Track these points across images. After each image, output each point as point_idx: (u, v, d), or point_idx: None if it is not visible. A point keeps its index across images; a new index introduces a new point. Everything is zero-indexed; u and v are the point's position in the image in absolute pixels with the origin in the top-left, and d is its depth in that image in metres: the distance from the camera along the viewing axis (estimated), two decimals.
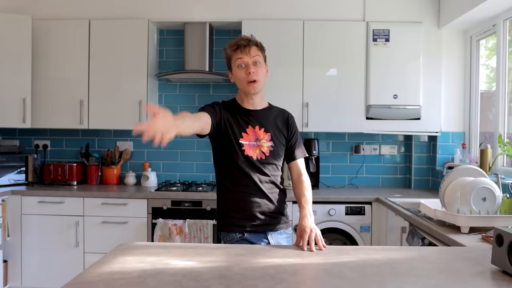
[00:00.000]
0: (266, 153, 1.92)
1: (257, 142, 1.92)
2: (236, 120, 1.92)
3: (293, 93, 3.52)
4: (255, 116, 1.95)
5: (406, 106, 3.47)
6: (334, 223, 3.24)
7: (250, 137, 1.91)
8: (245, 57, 1.87)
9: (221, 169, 1.96)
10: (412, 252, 1.60)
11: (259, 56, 1.90)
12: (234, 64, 1.90)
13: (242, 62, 1.88)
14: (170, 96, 3.94)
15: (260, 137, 1.93)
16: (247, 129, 1.92)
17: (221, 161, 1.95)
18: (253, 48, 1.89)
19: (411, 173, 3.80)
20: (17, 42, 3.48)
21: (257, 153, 1.91)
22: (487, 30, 3.30)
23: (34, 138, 3.97)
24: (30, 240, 3.33)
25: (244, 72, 1.88)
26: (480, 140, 3.46)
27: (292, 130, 2.01)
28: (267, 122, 1.96)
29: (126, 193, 3.33)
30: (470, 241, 1.84)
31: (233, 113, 1.94)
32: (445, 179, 2.15)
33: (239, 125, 1.91)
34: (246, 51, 1.87)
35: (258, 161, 1.90)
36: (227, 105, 1.97)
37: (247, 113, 1.95)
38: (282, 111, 2.04)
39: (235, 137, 1.89)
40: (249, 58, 1.87)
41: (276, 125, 1.98)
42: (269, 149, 1.93)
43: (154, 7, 3.61)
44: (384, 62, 3.49)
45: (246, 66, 1.88)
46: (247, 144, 1.90)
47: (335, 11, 3.56)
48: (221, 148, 1.93)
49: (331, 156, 3.91)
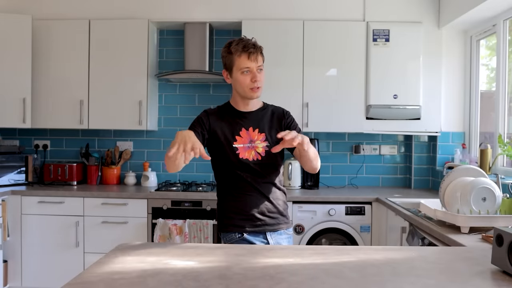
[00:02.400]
0: (262, 154, 1.91)
1: (251, 144, 1.91)
2: (229, 124, 1.92)
3: (293, 93, 3.51)
4: (248, 117, 1.95)
5: (406, 106, 3.46)
6: (334, 223, 3.23)
7: (244, 140, 1.91)
8: (252, 64, 1.85)
9: (218, 173, 1.98)
10: (412, 252, 1.59)
11: (262, 61, 1.89)
12: (237, 68, 1.86)
13: (248, 69, 1.86)
14: (170, 96, 3.94)
15: (254, 138, 1.92)
16: (240, 131, 1.92)
17: (218, 165, 1.96)
18: (260, 54, 1.88)
19: (411, 173, 3.80)
20: (17, 42, 3.48)
21: (253, 155, 1.90)
22: (487, 30, 3.30)
23: (34, 138, 3.96)
24: (30, 240, 3.33)
25: (249, 78, 1.86)
26: (480, 140, 3.46)
27: (287, 124, 1.99)
28: (261, 122, 1.95)
29: (126, 193, 3.33)
30: (470, 241, 1.84)
31: (226, 117, 1.94)
32: (445, 179, 2.15)
33: (232, 129, 1.91)
34: (253, 58, 1.84)
35: (254, 162, 1.90)
36: (220, 110, 1.98)
37: (241, 116, 1.95)
38: (276, 109, 2.03)
39: (228, 142, 1.90)
40: (255, 65, 1.85)
41: (271, 124, 1.97)
42: (264, 149, 1.92)
43: (154, 7, 3.60)
44: (384, 62, 3.48)
45: (252, 73, 1.86)
46: (241, 147, 1.90)
47: (335, 11, 3.55)
48: (217, 154, 1.94)
49: (331, 156, 3.91)
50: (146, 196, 3.31)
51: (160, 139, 3.94)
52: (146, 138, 3.94)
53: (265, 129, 1.95)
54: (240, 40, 1.87)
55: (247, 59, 1.83)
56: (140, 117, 3.55)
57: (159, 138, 3.94)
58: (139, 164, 3.91)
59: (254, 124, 1.94)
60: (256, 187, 1.90)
